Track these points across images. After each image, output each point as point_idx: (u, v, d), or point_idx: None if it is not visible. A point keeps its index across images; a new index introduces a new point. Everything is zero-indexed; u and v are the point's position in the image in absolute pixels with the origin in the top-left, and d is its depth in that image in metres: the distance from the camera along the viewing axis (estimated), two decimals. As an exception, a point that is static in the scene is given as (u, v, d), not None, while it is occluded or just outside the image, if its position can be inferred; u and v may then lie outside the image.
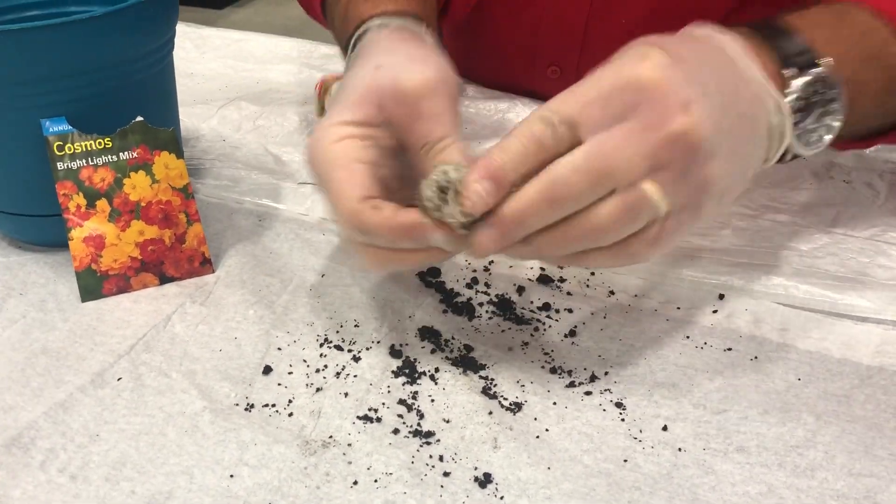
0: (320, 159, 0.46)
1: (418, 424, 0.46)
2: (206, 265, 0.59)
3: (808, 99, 0.47)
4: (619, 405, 0.48)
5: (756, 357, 0.51)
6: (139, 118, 0.56)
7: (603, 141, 0.40)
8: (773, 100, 0.45)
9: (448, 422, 0.46)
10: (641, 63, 0.40)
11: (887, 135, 0.57)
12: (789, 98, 0.46)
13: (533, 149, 0.41)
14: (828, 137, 0.49)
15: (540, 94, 0.82)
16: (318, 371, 0.50)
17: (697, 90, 0.40)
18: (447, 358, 0.51)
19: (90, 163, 0.56)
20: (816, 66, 0.47)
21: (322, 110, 0.62)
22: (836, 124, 0.48)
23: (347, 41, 0.58)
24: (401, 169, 0.48)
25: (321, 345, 0.52)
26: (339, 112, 0.47)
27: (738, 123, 0.43)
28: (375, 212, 0.44)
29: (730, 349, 0.52)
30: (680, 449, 0.45)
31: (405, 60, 0.47)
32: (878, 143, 0.61)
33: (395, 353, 0.51)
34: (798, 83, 0.47)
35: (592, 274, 0.59)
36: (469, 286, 0.58)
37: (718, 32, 0.45)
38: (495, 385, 0.49)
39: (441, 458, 0.44)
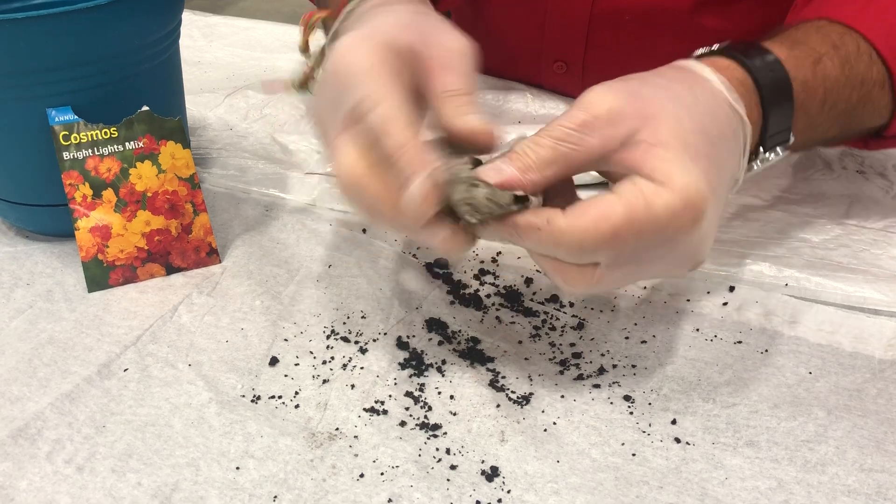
0: (359, 69, 0.41)
1: (425, 417, 0.46)
2: (212, 255, 0.59)
3: (759, 168, 0.49)
4: (627, 398, 0.47)
5: (766, 350, 0.50)
6: (145, 108, 0.56)
7: (618, 277, 0.42)
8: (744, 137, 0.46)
9: (455, 414, 0.46)
10: (686, 219, 0.39)
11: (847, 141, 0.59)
12: (751, 170, 0.49)
13: (550, 254, 0.42)
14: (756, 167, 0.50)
15: (546, 88, 0.81)
16: (324, 363, 0.50)
17: (713, 232, 0.42)
18: (454, 350, 0.51)
19: (96, 153, 0.55)
20: (786, 144, 0.50)
21: (307, 46, 0.59)
22: (772, 158, 0.50)
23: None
24: None
25: (328, 336, 0.52)
26: (375, 29, 0.44)
27: (724, 174, 0.44)
28: (407, 126, 0.40)
29: (740, 342, 0.51)
30: (689, 443, 0.44)
31: (433, 21, 0.46)
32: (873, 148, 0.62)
33: (402, 344, 0.51)
34: (758, 164, 0.49)
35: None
36: (476, 278, 0.57)
37: (741, 110, 0.45)
38: (503, 378, 0.49)
39: (448, 451, 0.44)
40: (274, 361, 0.50)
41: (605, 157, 0.41)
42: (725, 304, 0.54)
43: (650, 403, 0.47)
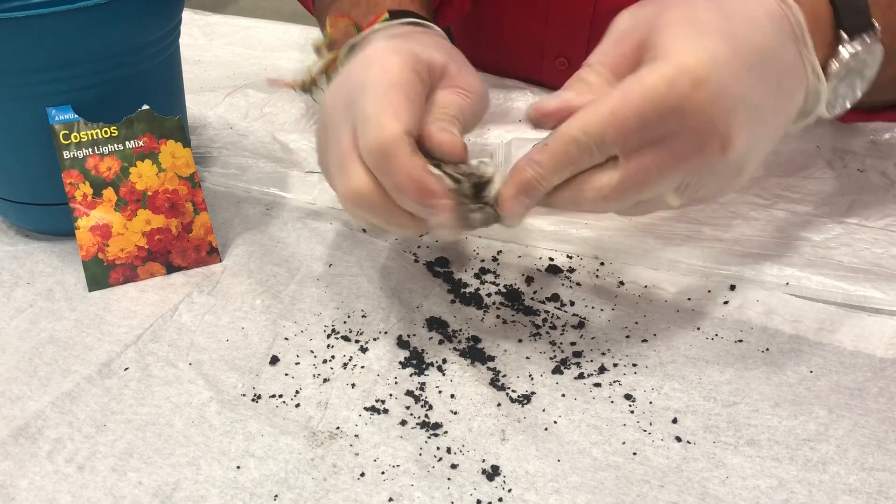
0: (376, 82, 0.43)
1: (426, 416, 0.46)
2: (213, 254, 0.59)
3: (851, 67, 0.46)
4: (628, 397, 0.47)
5: (768, 349, 0.50)
6: (145, 107, 0.56)
7: (639, 169, 0.41)
8: (815, 73, 0.45)
9: (456, 413, 0.46)
10: (685, 85, 0.39)
11: (891, 111, 0.57)
12: (836, 66, 0.46)
13: (567, 169, 0.42)
14: (848, 104, 0.48)
15: (547, 86, 0.81)
16: (325, 362, 0.50)
17: (739, 114, 0.40)
18: (455, 349, 0.51)
19: (96, 151, 0.55)
20: (870, 31, 0.46)
21: (330, 46, 0.59)
22: (860, 92, 0.48)
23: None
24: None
25: (328, 335, 0.52)
26: (404, 45, 0.45)
27: (775, 118, 0.43)
28: (411, 156, 0.42)
29: (741, 341, 0.51)
30: (690, 442, 0.44)
31: (460, 58, 0.49)
32: (881, 119, 0.60)
33: (402, 343, 0.51)
34: (847, 53, 0.46)
35: (602, 264, 0.58)
36: (477, 276, 0.57)
37: None
38: (503, 377, 0.49)
39: (449, 451, 0.44)
40: (274, 360, 0.50)
41: (641, 62, 0.41)
42: (726, 302, 0.54)
43: (651, 402, 0.47)
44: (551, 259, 0.59)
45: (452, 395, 0.47)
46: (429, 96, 0.46)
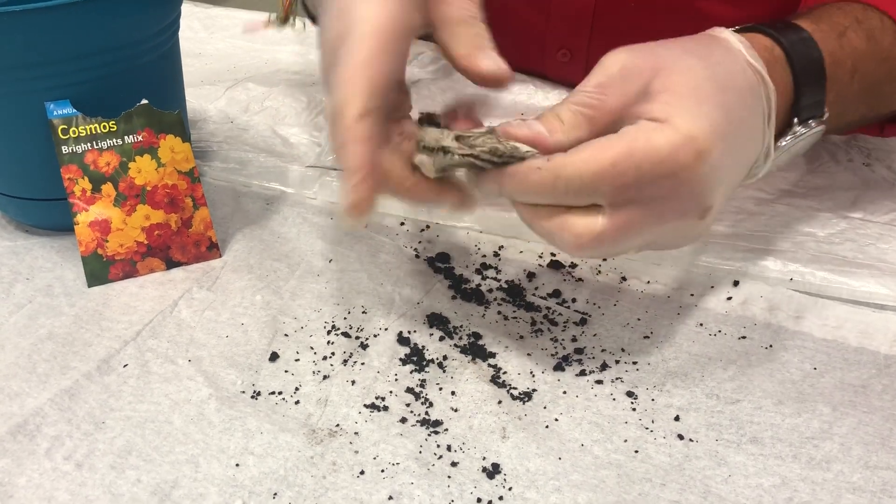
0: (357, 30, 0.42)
1: (426, 413, 0.46)
2: (212, 250, 0.58)
3: (794, 144, 0.49)
4: (630, 395, 0.47)
5: (771, 345, 0.50)
6: (144, 101, 0.56)
7: (620, 224, 0.41)
8: (767, 145, 0.47)
9: (456, 411, 0.46)
10: (685, 154, 0.39)
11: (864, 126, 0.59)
12: (784, 144, 0.49)
13: (548, 198, 0.42)
14: (774, 167, 0.50)
15: (549, 78, 0.80)
16: (325, 358, 0.50)
17: (721, 188, 0.42)
18: (456, 346, 0.51)
19: (95, 146, 0.55)
20: (821, 118, 0.49)
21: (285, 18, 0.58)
22: (783, 161, 0.51)
23: None
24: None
25: (328, 332, 0.52)
26: None
27: (737, 184, 0.46)
28: (355, 121, 0.41)
29: (744, 337, 0.51)
30: (692, 440, 0.44)
31: None
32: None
33: (402, 340, 0.51)
34: (791, 140, 0.49)
35: (604, 260, 0.58)
36: (478, 272, 0.57)
37: (761, 69, 0.45)
38: (504, 374, 0.49)
39: (449, 448, 0.44)
40: (274, 357, 0.50)
41: (625, 114, 0.41)
42: (729, 298, 0.54)
43: (653, 400, 0.46)
44: (553, 255, 0.58)
45: (453, 393, 0.47)
46: (432, 8, 0.45)
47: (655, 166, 0.39)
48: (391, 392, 0.47)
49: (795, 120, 0.49)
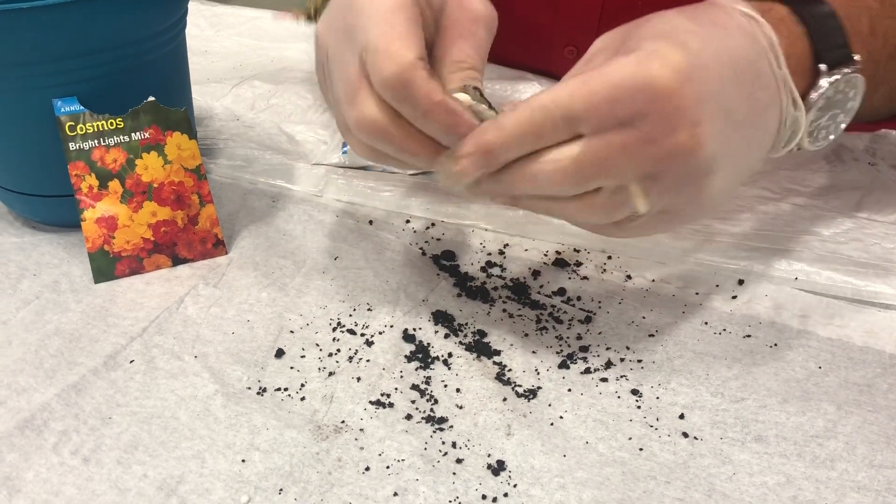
0: (374, 8, 0.41)
1: (431, 410, 0.46)
2: (219, 247, 0.59)
3: (831, 98, 0.46)
4: (634, 392, 0.47)
5: (776, 344, 0.50)
6: (151, 98, 0.56)
7: (602, 146, 0.39)
8: (792, 97, 0.44)
9: (461, 408, 0.46)
10: (657, 66, 0.38)
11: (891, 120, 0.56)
12: (814, 96, 0.45)
13: (530, 138, 0.40)
14: (832, 137, 0.48)
15: (556, 75, 0.80)
16: (330, 355, 0.50)
17: (710, 107, 0.39)
18: (461, 343, 0.51)
19: (102, 143, 0.55)
20: (850, 63, 0.46)
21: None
22: (844, 125, 0.48)
23: None
24: None
25: (334, 328, 0.52)
26: None
27: (747, 128, 0.42)
28: (428, 81, 0.40)
29: (749, 336, 0.51)
30: (696, 438, 0.44)
31: None
32: (880, 129, 0.60)
33: (408, 337, 0.51)
34: (826, 83, 0.45)
35: (609, 258, 0.58)
36: (484, 270, 0.57)
37: (752, 12, 0.43)
38: (509, 371, 0.49)
39: (454, 445, 0.44)
40: (280, 353, 0.50)
41: None
42: (734, 297, 0.54)
43: (658, 398, 0.47)
44: (558, 252, 0.58)
45: (458, 390, 0.47)
46: (437, 20, 0.45)
47: (627, 80, 0.38)
48: (396, 389, 0.47)
49: (823, 67, 0.45)
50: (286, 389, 0.47)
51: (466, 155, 0.41)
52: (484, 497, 0.41)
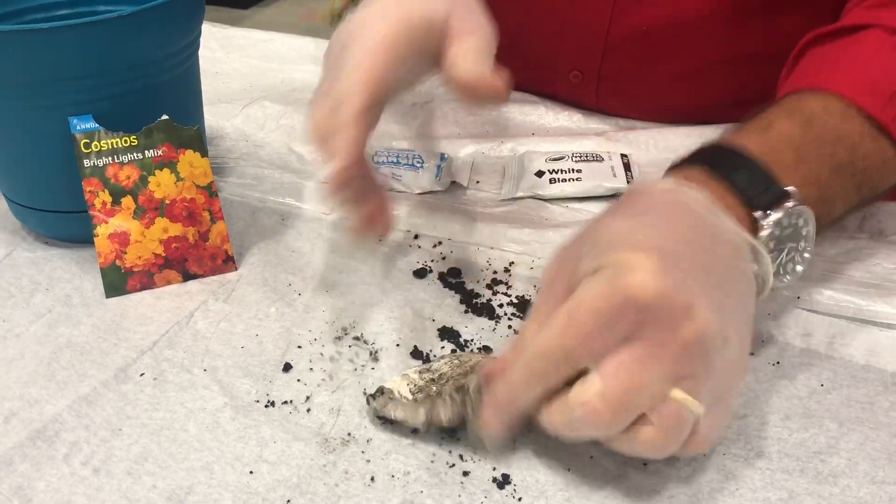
0: (360, 44, 0.48)
1: (437, 424, 0.46)
2: (228, 263, 0.59)
3: (780, 235, 0.46)
4: (638, 408, 0.47)
5: (778, 362, 0.51)
6: (164, 117, 0.57)
7: (618, 371, 0.38)
8: (750, 246, 0.44)
9: (467, 422, 0.46)
10: (630, 278, 0.37)
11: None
12: (762, 238, 0.45)
13: (538, 383, 0.40)
14: (800, 268, 0.48)
15: (561, 99, 0.81)
16: (337, 370, 0.50)
17: (692, 285, 0.38)
18: (467, 358, 0.51)
19: (116, 160, 0.56)
20: (786, 198, 0.46)
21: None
22: (808, 254, 0.48)
23: None
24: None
25: (341, 344, 0.53)
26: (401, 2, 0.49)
27: (730, 282, 0.42)
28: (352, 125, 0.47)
29: (752, 354, 0.51)
30: (700, 454, 0.44)
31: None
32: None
33: (415, 353, 0.52)
34: (768, 223, 0.45)
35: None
36: (489, 287, 0.58)
37: (682, 187, 0.44)
38: (514, 386, 0.49)
39: (461, 458, 0.44)
40: (288, 367, 0.51)
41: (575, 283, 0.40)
42: (737, 316, 0.54)
43: (661, 414, 0.47)
44: (563, 271, 0.59)
45: (464, 404, 0.48)
46: (440, 49, 0.49)
47: (608, 300, 0.37)
48: (403, 403, 0.48)
49: (758, 214, 0.46)
50: (294, 402, 0.48)
51: (486, 417, 0.42)
52: (489, 510, 0.41)
